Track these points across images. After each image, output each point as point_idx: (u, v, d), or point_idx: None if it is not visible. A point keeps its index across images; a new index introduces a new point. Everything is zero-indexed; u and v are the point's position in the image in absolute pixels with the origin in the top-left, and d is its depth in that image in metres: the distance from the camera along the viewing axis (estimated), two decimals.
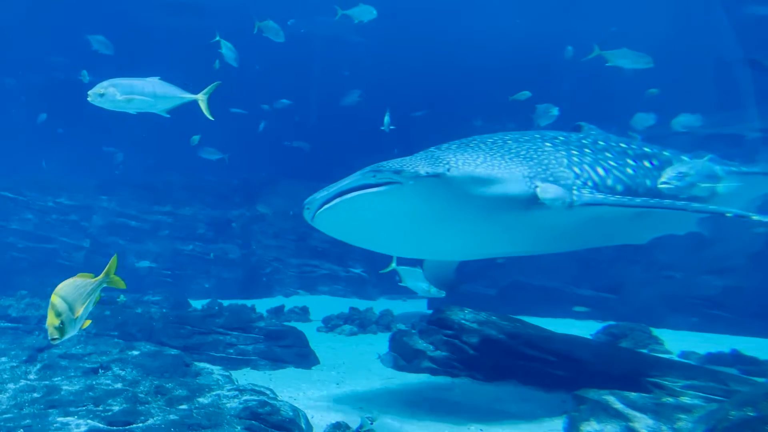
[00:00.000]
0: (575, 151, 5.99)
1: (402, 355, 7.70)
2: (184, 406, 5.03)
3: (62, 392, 5.27)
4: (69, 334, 3.55)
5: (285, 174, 16.39)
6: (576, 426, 4.90)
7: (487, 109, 15.08)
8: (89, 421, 4.65)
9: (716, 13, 13.27)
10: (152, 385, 5.44)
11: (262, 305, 11.98)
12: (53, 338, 3.50)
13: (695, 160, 6.18)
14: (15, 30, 17.10)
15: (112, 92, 5.24)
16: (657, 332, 9.04)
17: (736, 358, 7.79)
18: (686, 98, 11.49)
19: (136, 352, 6.58)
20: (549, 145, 5.95)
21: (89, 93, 5.29)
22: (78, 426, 4.58)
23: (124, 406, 4.96)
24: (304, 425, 5.09)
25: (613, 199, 5.54)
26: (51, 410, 4.88)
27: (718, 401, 4.93)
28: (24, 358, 6.46)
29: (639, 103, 11.36)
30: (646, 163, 6.35)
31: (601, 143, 6.38)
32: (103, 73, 6.38)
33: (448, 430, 5.40)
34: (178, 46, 16.97)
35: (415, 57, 16.81)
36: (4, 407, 4.99)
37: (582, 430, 4.82)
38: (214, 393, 5.36)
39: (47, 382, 5.56)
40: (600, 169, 5.87)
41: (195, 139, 13.77)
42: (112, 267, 3.96)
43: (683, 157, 6.69)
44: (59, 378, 5.71)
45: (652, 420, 4.63)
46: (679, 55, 8.89)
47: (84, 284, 3.77)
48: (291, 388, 6.73)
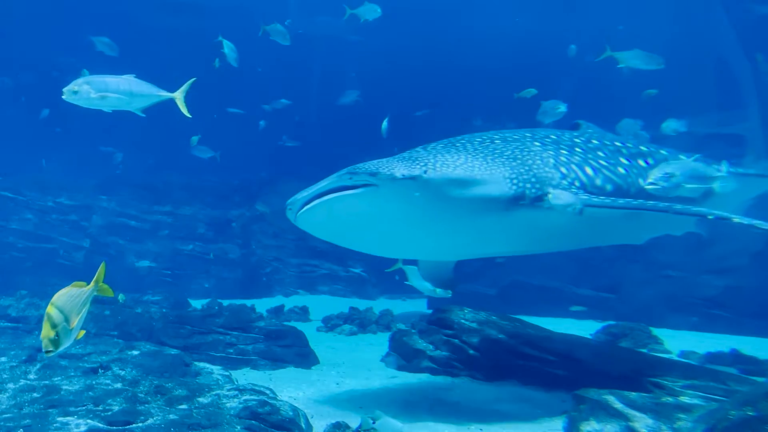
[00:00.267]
0: (564, 150, 5.92)
1: (402, 355, 7.70)
2: (183, 406, 5.03)
3: (62, 392, 5.26)
4: (64, 345, 3.44)
5: (285, 174, 16.38)
6: (576, 425, 4.90)
7: (487, 108, 15.08)
8: (89, 421, 4.65)
9: (716, 11, 13.26)
10: (152, 385, 5.44)
11: (262, 305, 11.99)
12: (47, 351, 3.38)
13: (681, 161, 6.11)
14: (16, 30, 17.09)
15: (86, 90, 5.17)
16: (657, 332, 9.06)
17: (736, 358, 7.80)
18: (686, 98, 11.48)
19: (135, 352, 6.58)
20: (538, 144, 5.88)
21: (64, 90, 5.22)
22: (78, 426, 4.58)
23: (124, 405, 4.96)
24: (303, 425, 5.09)
25: (596, 200, 5.45)
26: (51, 410, 4.87)
27: (718, 401, 4.93)
28: (24, 357, 6.46)
29: (639, 103, 11.36)
30: (641, 162, 6.28)
31: (595, 142, 6.29)
32: (106, 73, 6.35)
33: (448, 429, 5.40)
34: (177, 46, 16.98)
35: (414, 56, 16.78)
36: (3, 407, 4.99)
37: (582, 430, 4.82)
38: (213, 393, 5.35)
39: (47, 382, 5.56)
40: (589, 169, 5.79)
41: (194, 139, 13.78)
42: (101, 275, 3.85)
43: (681, 156, 6.64)
44: (59, 378, 5.71)
45: (652, 419, 4.63)
46: (678, 54, 8.84)
47: (79, 293, 3.66)
48: (291, 388, 6.73)
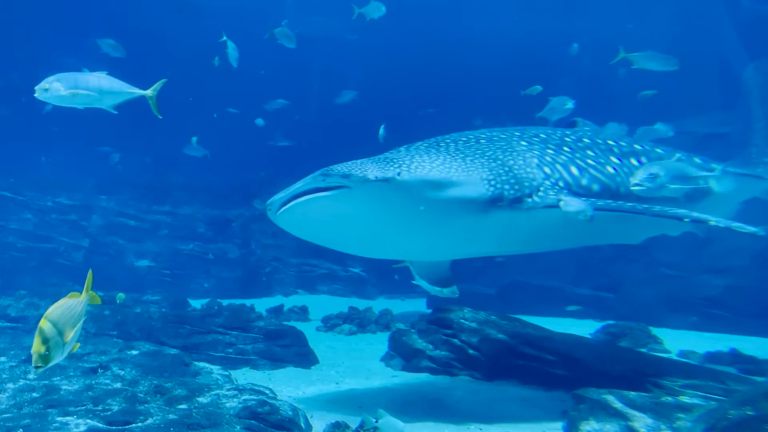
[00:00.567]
0: (551, 150, 5.84)
1: (401, 355, 7.70)
2: (183, 406, 5.03)
3: (61, 392, 5.27)
4: (55, 360, 3.30)
5: (285, 173, 16.36)
6: (575, 425, 4.91)
7: (487, 107, 15.09)
8: (88, 421, 4.65)
9: (718, 10, 13.25)
10: (151, 385, 5.44)
11: (262, 305, 11.99)
12: (36, 366, 3.22)
13: (666, 161, 6.05)
14: (17, 30, 17.08)
15: (56, 87, 5.16)
16: (656, 331, 9.06)
17: (735, 358, 7.80)
18: (686, 98, 11.49)
19: (135, 352, 6.58)
20: (524, 144, 5.82)
21: (35, 88, 5.21)
22: (77, 426, 4.58)
23: (124, 405, 4.96)
24: (303, 425, 5.09)
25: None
26: (50, 410, 4.87)
27: (717, 400, 4.93)
28: (23, 357, 6.46)
29: (639, 102, 11.36)
30: (633, 161, 6.20)
31: (586, 141, 6.21)
32: (110, 73, 6.34)
33: (448, 429, 5.40)
34: (175, 47, 16.99)
35: (412, 55, 16.81)
36: (3, 407, 4.99)
37: (581, 429, 4.82)
38: (213, 392, 5.35)
39: (46, 382, 5.56)
40: (574, 168, 5.72)
41: (194, 140, 13.78)
42: (89, 284, 3.76)
43: (677, 155, 6.60)
44: (58, 378, 5.71)
45: (652, 419, 4.63)
46: (677, 54, 8.80)
47: (75, 304, 3.52)
48: (290, 388, 6.73)
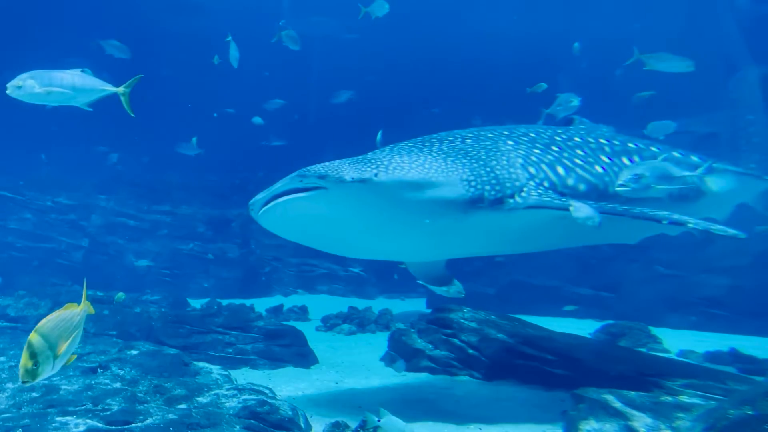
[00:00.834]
0: (538, 149, 5.77)
1: (401, 355, 7.69)
2: (183, 406, 5.03)
3: (61, 392, 5.26)
4: (44, 375, 3.18)
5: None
6: (575, 425, 4.90)
7: (487, 106, 15.08)
8: (88, 421, 4.64)
9: (721, 9, 13.23)
10: (151, 385, 5.44)
11: (261, 304, 11.99)
12: (24, 381, 3.11)
13: (652, 161, 5.97)
14: (21, 30, 17.07)
15: (30, 84, 5.14)
16: (656, 331, 9.06)
17: (735, 357, 7.81)
18: (687, 97, 11.48)
19: (134, 352, 6.58)
20: (511, 143, 5.76)
21: (8, 86, 5.20)
22: (77, 425, 4.57)
23: (123, 405, 4.96)
24: (303, 424, 5.09)
25: (557, 202, 5.27)
26: (50, 410, 4.87)
27: (717, 400, 4.93)
28: None
29: (639, 103, 11.35)
30: (625, 160, 6.11)
31: (577, 139, 6.11)
32: (114, 73, 6.35)
33: (447, 429, 5.40)
34: (174, 46, 16.98)
35: (411, 55, 16.81)
36: (2, 407, 4.99)
37: (581, 429, 4.82)
38: (213, 392, 5.35)
39: (46, 382, 5.55)
40: (560, 168, 5.64)
41: (194, 140, 13.78)
42: (85, 293, 3.68)
43: (675, 153, 6.54)
44: (58, 377, 5.70)
45: (651, 419, 4.63)
46: (678, 52, 8.77)
47: (71, 316, 3.38)
48: (290, 388, 6.73)
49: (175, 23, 17.84)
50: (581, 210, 5.03)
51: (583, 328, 9.56)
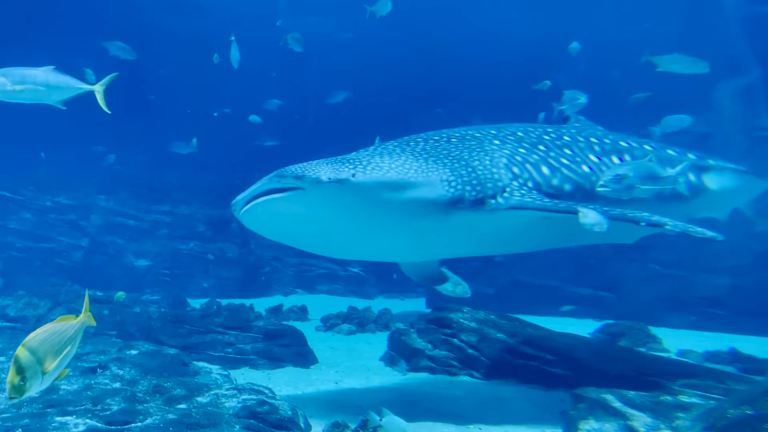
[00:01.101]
0: (524, 149, 5.68)
1: (401, 354, 7.69)
2: (182, 406, 5.03)
3: (60, 392, 5.26)
4: (32, 391, 3.03)
5: None
6: (575, 424, 4.90)
7: (488, 106, 15.07)
8: (88, 421, 4.64)
9: (724, 9, 13.21)
10: (151, 385, 5.43)
11: (261, 304, 11.99)
12: (11, 397, 2.96)
13: (637, 161, 5.87)
14: (23, 30, 17.04)
15: (2, 82, 5.08)
16: (655, 331, 9.07)
17: (735, 357, 7.82)
18: (686, 97, 11.47)
19: (134, 352, 6.57)
20: (497, 143, 5.69)
21: None
22: (76, 425, 4.57)
23: (123, 405, 4.96)
24: (302, 424, 5.09)
25: (539, 203, 5.22)
26: (49, 410, 4.87)
27: (717, 399, 4.93)
28: None
29: (639, 103, 11.36)
30: (615, 159, 6.02)
31: (566, 138, 6.02)
32: (125, 75, 6.33)
33: (447, 429, 5.40)
34: (172, 46, 16.96)
35: (411, 54, 16.80)
36: (2, 407, 4.98)
37: (581, 429, 4.82)
38: (212, 392, 5.35)
39: None
40: (545, 168, 5.57)
41: (194, 142, 13.78)
42: (87, 305, 3.56)
43: (669, 151, 6.50)
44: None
45: (651, 418, 4.63)
46: (677, 51, 8.75)
47: (63, 329, 3.22)
48: (290, 387, 6.73)
49: (173, 23, 17.83)
50: (589, 216, 4.93)
51: (583, 327, 9.57)
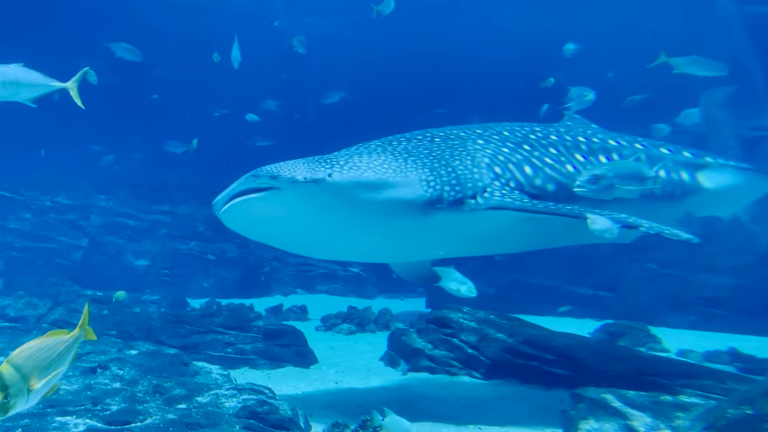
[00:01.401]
0: (507, 148, 5.62)
1: (401, 354, 7.70)
2: (182, 406, 5.03)
3: (60, 392, 5.25)
4: (17, 409, 2.83)
5: None
6: (574, 424, 4.90)
7: (488, 106, 15.08)
8: (87, 421, 4.64)
9: (725, 9, 13.22)
10: (151, 385, 5.43)
11: (261, 304, 11.98)
12: None
13: (618, 161, 5.81)
14: (26, 31, 17.05)
15: None
16: (655, 330, 9.07)
17: (734, 357, 7.82)
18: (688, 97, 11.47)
19: (134, 352, 6.57)
20: (481, 142, 5.62)
21: None
22: (76, 425, 4.57)
23: (123, 405, 4.95)
24: (302, 424, 5.09)
25: (518, 203, 5.16)
26: (49, 410, 4.86)
27: (716, 399, 4.93)
28: None
29: (638, 103, 11.36)
30: (602, 159, 5.94)
31: (553, 138, 5.95)
32: (122, 74, 6.33)
33: (447, 428, 5.40)
34: (170, 46, 16.97)
35: (410, 54, 16.81)
36: None
37: (580, 429, 4.82)
38: (212, 392, 5.35)
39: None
40: (528, 168, 5.51)
41: (194, 142, 13.80)
42: (86, 319, 3.40)
43: (662, 149, 6.44)
44: None
45: (651, 418, 4.63)
46: (678, 51, 8.74)
47: (53, 345, 3.01)
48: (290, 387, 6.73)
49: (172, 23, 17.83)
50: (598, 222, 4.84)
51: (583, 327, 9.57)
